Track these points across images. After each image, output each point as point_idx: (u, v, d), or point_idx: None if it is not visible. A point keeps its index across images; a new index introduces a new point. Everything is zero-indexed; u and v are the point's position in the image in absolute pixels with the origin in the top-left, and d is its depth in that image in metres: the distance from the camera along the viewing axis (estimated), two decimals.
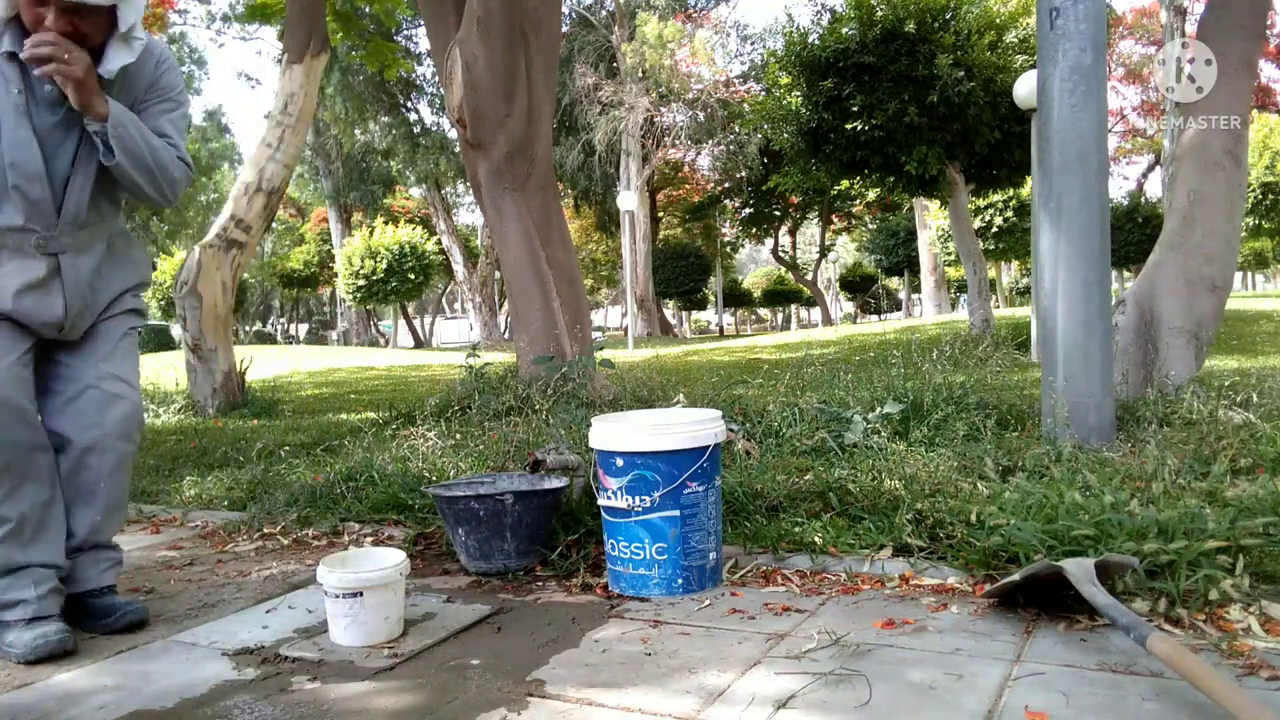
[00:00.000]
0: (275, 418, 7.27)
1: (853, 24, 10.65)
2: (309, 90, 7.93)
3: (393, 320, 40.03)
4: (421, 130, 28.13)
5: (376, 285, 23.27)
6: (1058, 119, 3.64)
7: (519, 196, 6.10)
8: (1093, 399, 3.59)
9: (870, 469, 3.13)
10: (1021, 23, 10.70)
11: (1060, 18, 3.60)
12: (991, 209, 21.61)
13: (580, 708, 1.77)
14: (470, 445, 4.03)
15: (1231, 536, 2.17)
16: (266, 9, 9.62)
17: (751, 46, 28.36)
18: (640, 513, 2.42)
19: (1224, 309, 4.80)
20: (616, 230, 30.33)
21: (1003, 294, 28.57)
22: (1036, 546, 2.29)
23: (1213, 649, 1.87)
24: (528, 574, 2.70)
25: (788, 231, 37.25)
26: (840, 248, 48.86)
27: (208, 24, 46.72)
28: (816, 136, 11.23)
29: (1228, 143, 4.65)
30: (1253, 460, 3.04)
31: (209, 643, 2.24)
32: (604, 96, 25.67)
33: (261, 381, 9.44)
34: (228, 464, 4.73)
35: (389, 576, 2.18)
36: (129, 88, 2.26)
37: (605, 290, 45.68)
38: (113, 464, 2.30)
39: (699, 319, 51.56)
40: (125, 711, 1.85)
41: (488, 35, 5.85)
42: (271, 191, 7.78)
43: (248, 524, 3.44)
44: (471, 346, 9.23)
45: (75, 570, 2.31)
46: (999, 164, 11.55)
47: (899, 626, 2.11)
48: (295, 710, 1.82)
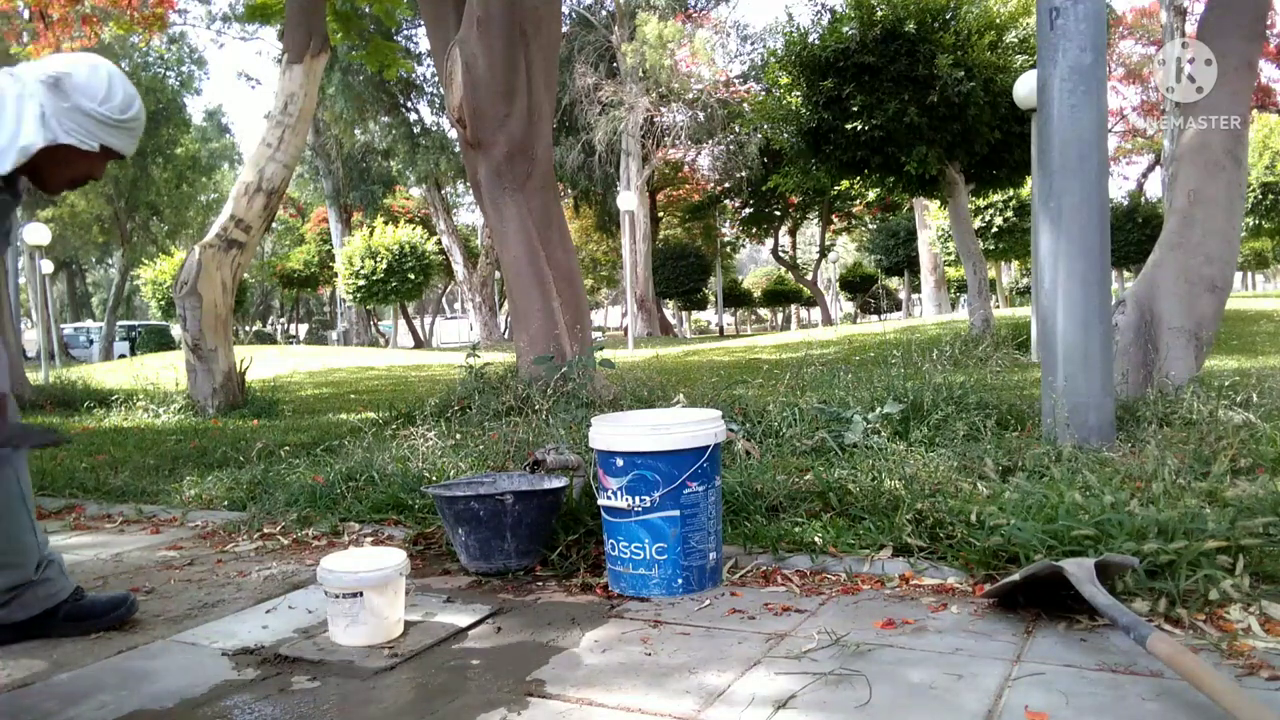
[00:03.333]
0: (275, 418, 7.27)
1: (853, 24, 10.65)
2: (309, 90, 7.93)
3: (393, 320, 40.02)
4: (421, 130, 28.12)
5: (376, 285, 23.26)
6: (1058, 119, 3.64)
7: (519, 196, 6.10)
8: (1093, 399, 3.59)
9: (870, 469, 3.13)
10: (1021, 23, 10.69)
11: (1060, 18, 3.60)
12: (991, 209, 21.60)
13: (580, 708, 1.77)
14: (470, 445, 4.03)
15: (1231, 536, 2.17)
16: (266, 9, 9.62)
17: (751, 46, 28.37)
18: (640, 513, 2.42)
19: (1224, 309, 4.80)
20: (616, 230, 30.32)
21: (1003, 294, 28.56)
22: (1036, 546, 2.29)
23: (1213, 649, 1.87)
24: (528, 574, 2.70)
25: (788, 231, 37.25)
26: (840, 248, 48.85)
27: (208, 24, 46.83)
28: (816, 136, 11.23)
29: (1228, 143, 4.65)
30: (1253, 460, 3.04)
31: (209, 643, 2.24)
32: (604, 96, 25.66)
33: (261, 381, 9.43)
34: (228, 464, 4.73)
35: (389, 576, 2.18)
36: None
37: (605, 290, 45.66)
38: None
39: (699, 319, 51.54)
40: (125, 711, 1.85)
41: (488, 35, 5.85)
42: (271, 191, 7.78)
43: (248, 524, 3.44)
44: (471, 346, 9.23)
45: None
46: (999, 164, 11.54)
47: (899, 626, 2.11)
48: (295, 710, 1.82)
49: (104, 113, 1.95)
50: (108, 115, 1.96)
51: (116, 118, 1.97)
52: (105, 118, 1.96)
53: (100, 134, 1.97)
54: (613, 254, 37.29)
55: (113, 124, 1.98)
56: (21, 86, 1.92)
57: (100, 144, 1.99)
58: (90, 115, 1.94)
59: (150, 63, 29.12)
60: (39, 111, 1.91)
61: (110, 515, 3.89)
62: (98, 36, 12.87)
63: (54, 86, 1.92)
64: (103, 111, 1.95)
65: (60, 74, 1.92)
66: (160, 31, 15.17)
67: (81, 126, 1.94)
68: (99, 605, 2.33)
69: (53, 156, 1.96)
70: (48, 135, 1.91)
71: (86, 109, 1.94)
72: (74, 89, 1.93)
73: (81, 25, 11.82)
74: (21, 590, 2.20)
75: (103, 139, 1.98)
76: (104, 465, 4.85)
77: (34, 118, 1.90)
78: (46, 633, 2.25)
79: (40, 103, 1.91)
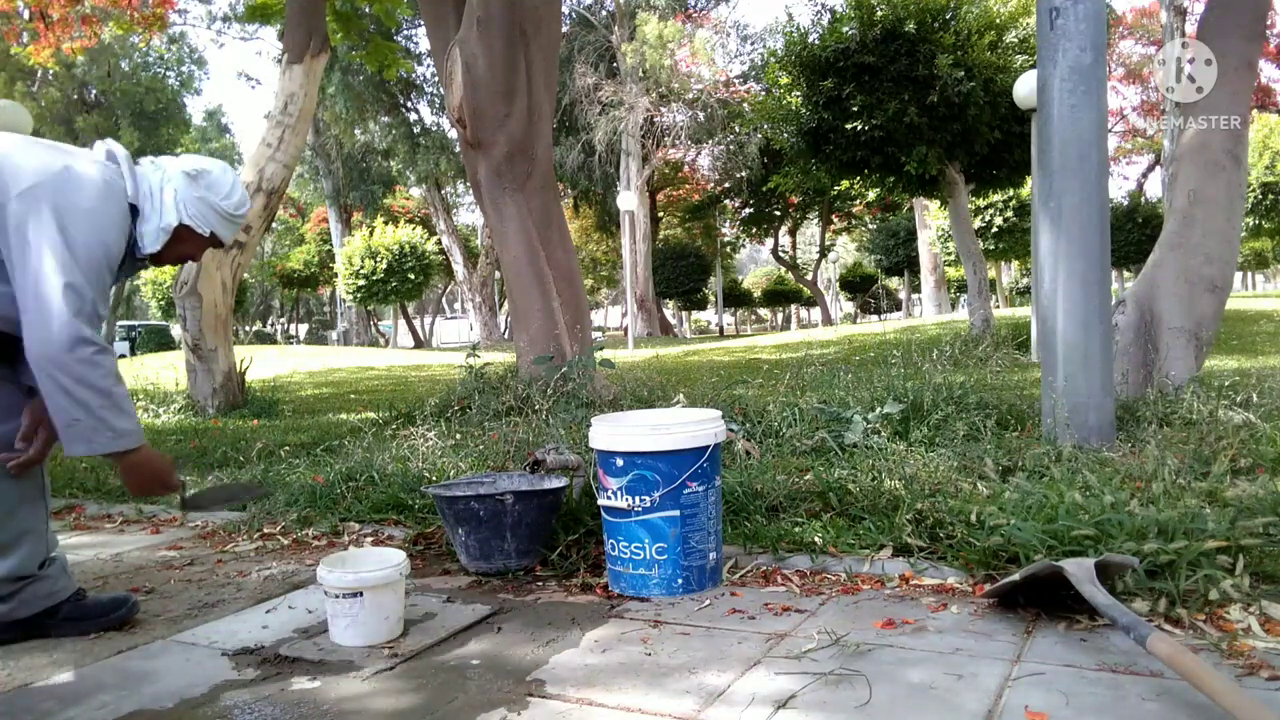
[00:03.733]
0: (275, 418, 7.27)
1: (853, 24, 10.65)
2: (309, 90, 7.93)
3: (393, 320, 40.02)
4: (421, 130, 28.11)
5: (376, 285, 23.26)
6: (1058, 119, 3.64)
7: (519, 196, 6.10)
8: (1093, 399, 3.59)
9: (870, 469, 3.13)
10: (1021, 23, 10.69)
11: (1060, 18, 3.60)
12: (991, 209, 21.60)
13: (580, 708, 1.77)
14: (470, 445, 4.03)
15: (1231, 536, 2.17)
16: (266, 9, 9.61)
17: (751, 46, 28.37)
18: (640, 513, 2.42)
19: (1224, 309, 4.80)
20: (616, 230, 30.31)
21: (1003, 294, 28.56)
22: (1036, 546, 2.29)
23: (1213, 649, 1.87)
24: (528, 574, 2.70)
25: (788, 231, 37.23)
26: (840, 248, 48.84)
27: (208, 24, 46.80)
28: (816, 136, 11.23)
29: (1228, 143, 4.65)
30: (1253, 460, 3.04)
31: (209, 643, 2.24)
32: (604, 96, 25.65)
33: (261, 381, 9.43)
34: (228, 464, 4.73)
35: (389, 576, 2.18)
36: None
37: (605, 290, 45.65)
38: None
39: (699, 319, 51.53)
40: (125, 711, 1.85)
41: (488, 35, 5.85)
42: (272, 191, 7.78)
43: (248, 524, 3.44)
44: (471, 346, 9.22)
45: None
46: (999, 164, 11.54)
47: (899, 626, 2.11)
48: (295, 710, 1.82)
49: (223, 206, 2.30)
50: (225, 209, 2.30)
51: (230, 212, 2.32)
52: (222, 210, 2.30)
53: (214, 222, 2.30)
54: (613, 254, 37.29)
55: (226, 217, 2.32)
56: (163, 175, 2.25)
57: (210, 230, 2.30)
58: (212, 206, 2.28)
59: (150, 63, 29.12)
60: (174, 196, 2.24)
61: (110, 515, 3.89)
62: (98, 36, 12.88)
63: (193, 178, 2.26)
64: (222, 205, 2.29)
65: (200, 170, 2.28)
66: (160, 31, 15.16)
67: (202, 214, 2.27)
68: (100, 605, 2.38)
69: (174, 234, 2.27)
70: (179, 216, 2.24)
71: (210, 201, 2.27)
72: (207, 184, 2.28)
73: (81, 25, 11.82)
74: (24, 585, 2.25)
75: (214, 226, 2.30)
76: (104, 465, 4.85)
77: (172, 201, 2.23)
78: (46, 632, 2.29)
79: (176, 188, 2.24)
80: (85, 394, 1.99)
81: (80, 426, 2.01)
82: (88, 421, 2.01)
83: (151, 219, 2.22)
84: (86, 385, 1.99)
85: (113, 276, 2.16)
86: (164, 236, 2.23)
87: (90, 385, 1.99)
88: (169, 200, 2.22)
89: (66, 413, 1.99)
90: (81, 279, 2.01)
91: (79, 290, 2.00)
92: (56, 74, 24.40)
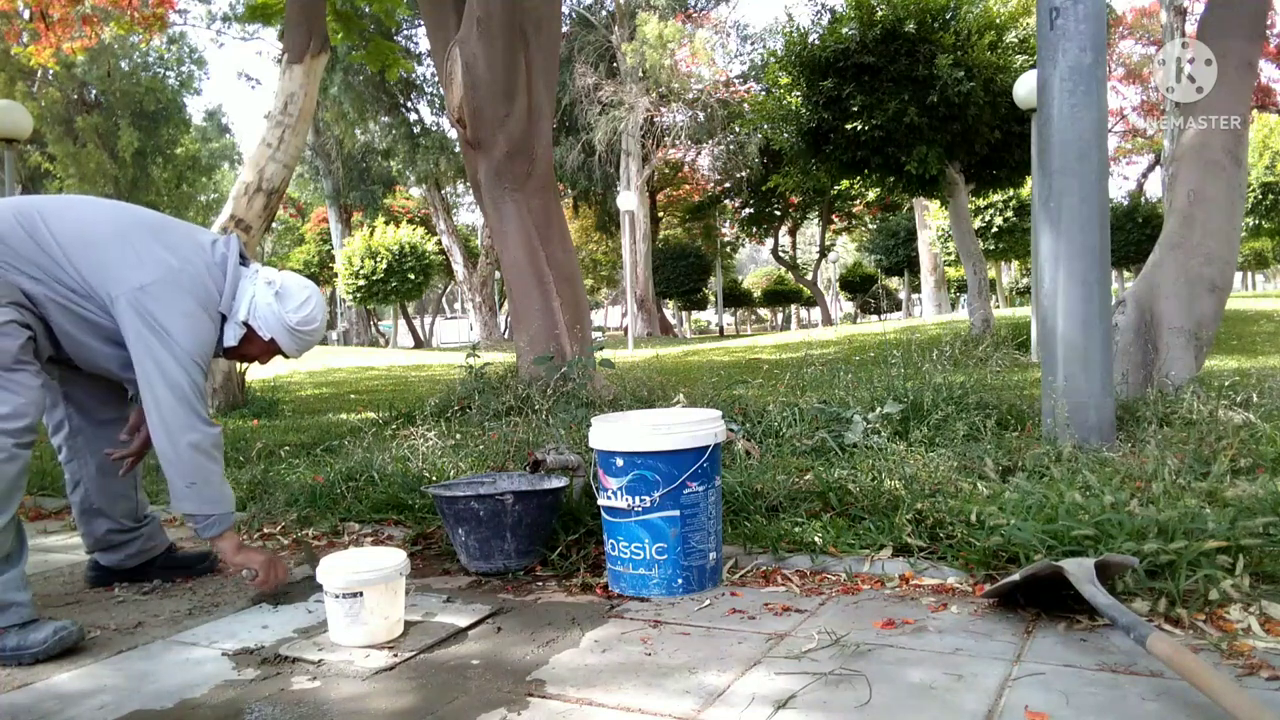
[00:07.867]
0: (275, 418, 7.26)
1: (853, 24, 10.65)
2: (309, 90, 7.92)
3: (393, 320, 39.98)
4: (421, 130, 28.08)
5: (376, 285, 23.24)
6: (1058, 119, 3.64)
7: (519, 196, 6.09)
8: (1093, 399, 3.59)
9: (870, 469, 3.13)
10: (1021, 23, 10.69)
11: (1060, 18, 3.60)
12: (991, 209, 21.59)
13: (580, 708, 1.77)
14: (470, 445, 4.03)
15: (1231, 536, 2.17)
16: (266, 9, 9.60)
17: (751, 46, 28.35)
18: (640, 513, 2.42)
19: (1224, 309, 4.80)
20: (616, 230, 30.30)
21: (1003, 294, 28.55)
22: (1036, 546, 2.29)
23: (1213, 649, 1.87)
24: (528, 574, 2.70)
25: (788, 231, 37.22)
26: (840, 248, 48.84)
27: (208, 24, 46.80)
28: (816, 136, 11.23)
29: (1228, 143, 4.65)
30: (1253, 460, 3.04)
31: (209, 643, 2.24)
32: (604, 96, 25.65)
33: (261, 381, 9.43)
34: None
35: (389, 576, 2.18)
36: None
37: (605, 290, 45.62)
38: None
39: (699, 319, 51.50)
40: (125, 711, 1.85)
41: (488, 35, 5.85)
42: (271, 191, 7.77)
43: (248, 524, 3.44)
44: (471, 346, 9.21)
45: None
46: (999, 164, 11.55)
47: (899, 626, 2.11)
48: (295, 710, 1.82)
49: (288, 318, 2.56)
50: (289, 320, 2.56)
51: (293, 325, 2.57)
52: (286, 321, 2.56)
53: (275, 329, 2.56)
54: (613, 254, 37.28)
55: (288, 328, 2.57)
56: (253, 283, 2.56)
57: (271, 336, 2.56)
58: (277, 315, 2.55)
59: (150, 63, 29.09)
60: (250, 298, 2.54)
61: None
62: (98, 37, 12.87)
63: (269, 285, 2.55)
64: (287, 316, 2.56)
65: (278, 281, 2.58)
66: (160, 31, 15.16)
67: (266, 320, 2.54)
68: (190, 557, 2.93)
69: (245, 334, 2.57)
70: (247, 315, 2.54)
71: (276, 309, 2.55)
72: (279, 293, 2.56)
73: (82, 25, 11.81)
74: (131, 536, 2.77)
75: (275, 334, 2.57)
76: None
77: (246, 303, 2.54)
78: (148, 576, 2.81)
79: (255, 293, 2.54)
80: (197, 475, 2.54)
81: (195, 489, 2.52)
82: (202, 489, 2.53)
83: (233, 319, 2.54)
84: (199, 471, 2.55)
85: (207, 362, 2.49)
86: (240, 332, 2.55)
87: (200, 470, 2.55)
88: (244, 302, 2.53)
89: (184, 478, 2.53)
90: (183, 375, 2.38)
91: (182, 385, 2.38)
92: (56, 74, 24.38)
